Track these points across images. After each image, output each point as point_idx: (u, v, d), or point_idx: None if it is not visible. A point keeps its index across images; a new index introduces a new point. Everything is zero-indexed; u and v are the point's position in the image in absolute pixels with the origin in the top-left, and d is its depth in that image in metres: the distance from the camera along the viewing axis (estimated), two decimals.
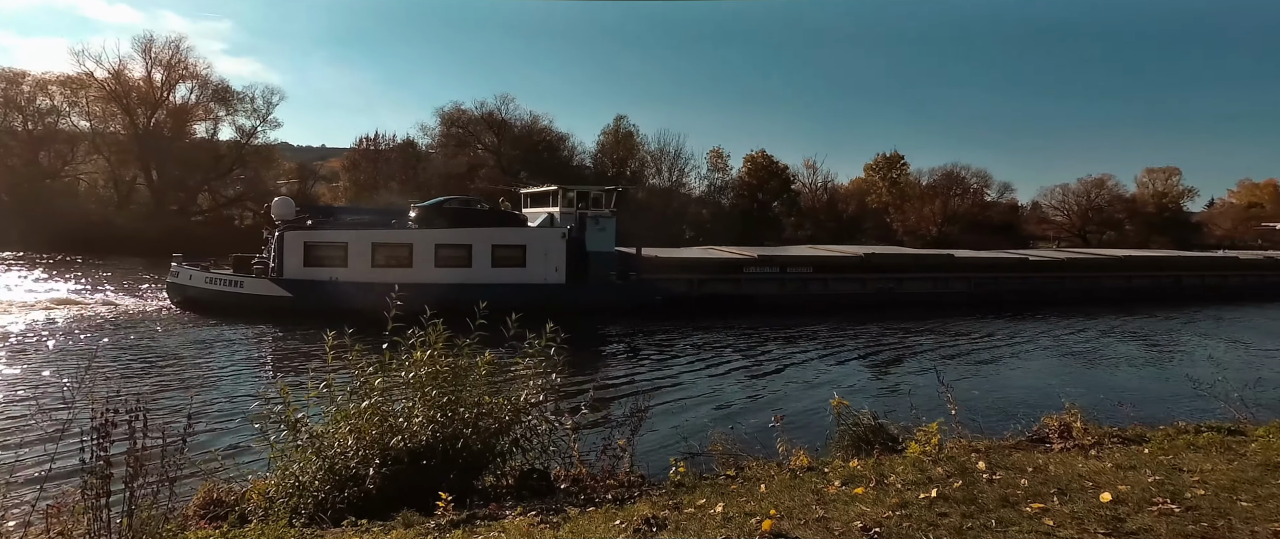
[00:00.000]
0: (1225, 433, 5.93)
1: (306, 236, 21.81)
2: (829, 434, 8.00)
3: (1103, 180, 79.41)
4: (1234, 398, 7.66)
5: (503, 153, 60.31)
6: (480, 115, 61.19)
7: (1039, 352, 19.74)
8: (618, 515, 3.89)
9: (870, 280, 28.41)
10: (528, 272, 22.97)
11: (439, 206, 24.58)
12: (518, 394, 5.40)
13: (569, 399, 11.26)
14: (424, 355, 5.32)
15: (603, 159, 66.59)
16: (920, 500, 3.96)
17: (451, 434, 4.76)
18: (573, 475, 5.61)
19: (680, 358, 17.82)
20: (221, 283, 21.82)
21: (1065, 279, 31.90)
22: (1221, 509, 3.62)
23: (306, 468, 4.58)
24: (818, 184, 73.55)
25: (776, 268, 27.64)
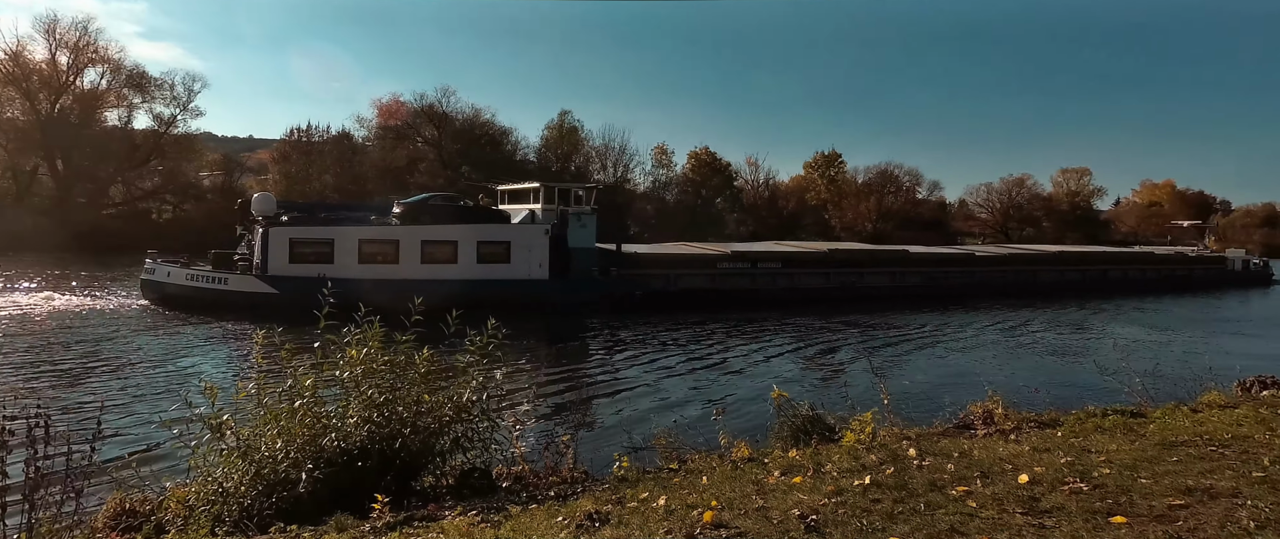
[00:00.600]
0: (1128, 415, 6.38)
1: (291, 233, 21.45)
2: (770, 425, 8.20)
3: (1022, 180, 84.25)
4: (1136, 383, 8.27)
5: (443, 146, 58.86)
6: (420, 108, 59.51)
7: (970, 342, 20.77)
8: (560, 512, 3.86)
9: (834, 274, 29.63)
10: (512, 268, 23.13)
11: (424, 203, 24.46)
12: (459, 392, 5.29)
13: (514, 396, 11.13)
14: (360, 354, 5.14)
15: (547, 154, 65.97)
16: (855, 487, 4.09)
17: (389, 434, 4.61)
18: (515, 473, 5.54)
19: (638, 352, 17.97)
20: (203, 280, 21.30)
21: (1006, 272, 34.16)
22: (1124, 486, 3.89)
23: (231, 473, 4.35)
24: (759, 181, 75.11)
25: (748, 263, 28.35)
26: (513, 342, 21.81)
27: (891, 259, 32.33)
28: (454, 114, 60.26)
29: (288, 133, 60.34)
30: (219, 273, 21.63)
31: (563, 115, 68.47)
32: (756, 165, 75.33)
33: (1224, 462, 4.34)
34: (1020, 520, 3.41)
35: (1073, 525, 3.31)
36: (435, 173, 56.77)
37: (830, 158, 77.62)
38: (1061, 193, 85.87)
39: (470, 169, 56.34)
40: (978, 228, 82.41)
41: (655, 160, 71.42)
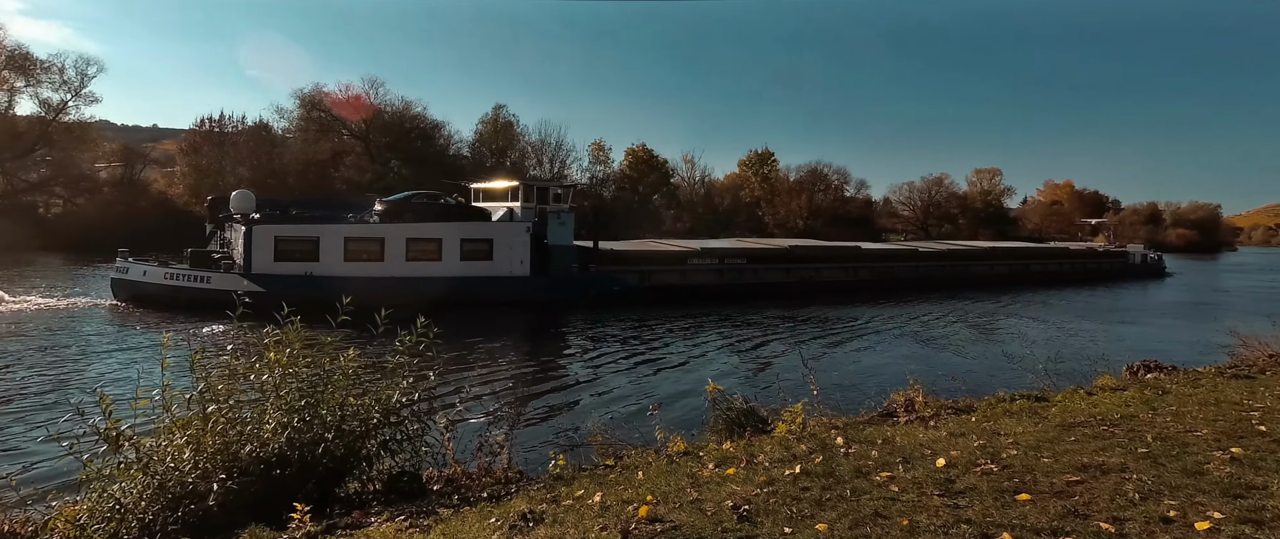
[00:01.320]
0: (1034, 399, 6.84)
1: (276, 231, 21.30)
2: (705, 419, 8.33)
3: (941, 179, 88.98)
4: (1040, 369, 8.87)
5: (371, 140, 56.60)
6: (346, 99, 56.99)
7: (903, 333, 21.78)
8: (493, 513, 3.79)
9: (794, 270, 31.16)
10: (495, 265, 23.48)
11: (408, 201, 24.53)
12: (388, 393, 5.11)
13: (451, 395, 10.85)
14: (280, 356, 4.88)
15: (481, 149, 64.61)
16: (785, 477, 4.21)
17: (311, 440, 4.39)
18: (447, 476, 5.40)
19: (589, 348, 18.00)
20: (184, 278, 20.95)
21: (945, 266, 37.19)
22: (1029, 466, 4.17)
23: (130, 488, 4.03)
24: (695, 178, 76.06)
25: (715, 259, 29.58)
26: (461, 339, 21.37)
27: (845, 255, 34.21)
28: (382, 106, 58.08)
29: (197, 123, 56.62)
30: (202, 271, 21.09)
31: (497, 110, 67.21)
32: (692, 163, 76.31)
33: (1114, 440, 4.72)
34: (937, 502, 3.60)
35: (983, 504, 3.51)
36: (363, 167, 54.53)
37: (763, 156, 79.52)
38: (975, 192, 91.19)
39: (400, 163, 54.46)
40: (901, 224, 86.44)
41: (592, 156, 71.23)
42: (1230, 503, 3.39)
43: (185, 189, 52.53)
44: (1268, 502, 3.38)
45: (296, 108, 56.93)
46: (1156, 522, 3.20)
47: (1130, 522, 3.22)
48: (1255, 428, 4.91)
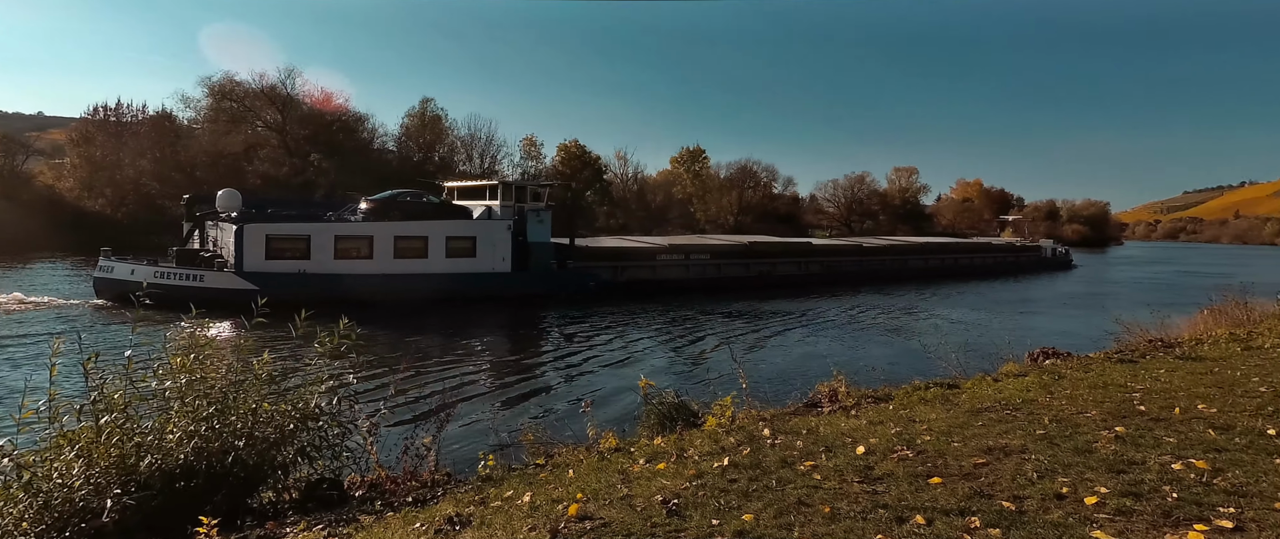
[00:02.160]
0: (946, 387, 7.23)
1: (268, 229, 21.67)
2: (637, 414, 8.36)
3: (862, 177, 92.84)
4: (952, 358, 9.39)
5: (289, 132, 53.64)
6: (260, 89, 53.76)
7: (834, 326, 22.67)
8: (418, 518, 3.67)
9: (753, 265, 33.13)
10: (478, 261, 24.29)
11: (393, 200, 25.05)
12: (306, 398, 4.85)
13: (375, 397, 10.44)
14: (187, 360, 4.54)
15: (408, 143, 62.52)
16: (714, 470, 4.28)
17: (219, 449, 4.12)
18: (370, 481, 5.19)
19: (532, 346, 17.92)
20: (177, 277, 20.98)
21: (886, 260, 40.20)
22: (940, 450, 4.41)
23: (8, 509, 3.66)
24: (628, 175, 76.23)
25: (682, 255, 31.32)
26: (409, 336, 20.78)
27: (798, 251, 37.03)
28: (300, 97, 55.16)
29: (90, 110, 52.04)
30: (195, 270, 21.29)
31: (425, 103, 65.21)
32: (625, 159, 76.46)
33: (1016, 423, 5.05)
34: (857, 488, 3.75)
35: (899, 489, 3.69)
36: (279, 161, 51.65)
37: (695, 153, 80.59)
38: (894, 189, 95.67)
39: (320, 157, 51.93)
40: (826, 221, 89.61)
41: (524, 152, 70.25)
42: (1114, 478, 3.69)
43: (76, 183, 48.23)
44: (1145, 476, 3.70)
45: (205, 97, 53.31)
46: (1052, 498, 3.45)
47: (1029, 499, 3.45)
48: (1136, 408, 5.37)
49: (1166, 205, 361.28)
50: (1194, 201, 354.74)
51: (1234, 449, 4.14)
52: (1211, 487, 3.50)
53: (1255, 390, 5.93)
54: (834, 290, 32.12)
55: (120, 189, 45.42)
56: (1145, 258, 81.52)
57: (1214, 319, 13.22)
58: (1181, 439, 4.40)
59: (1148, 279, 48.30)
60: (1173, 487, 3.51)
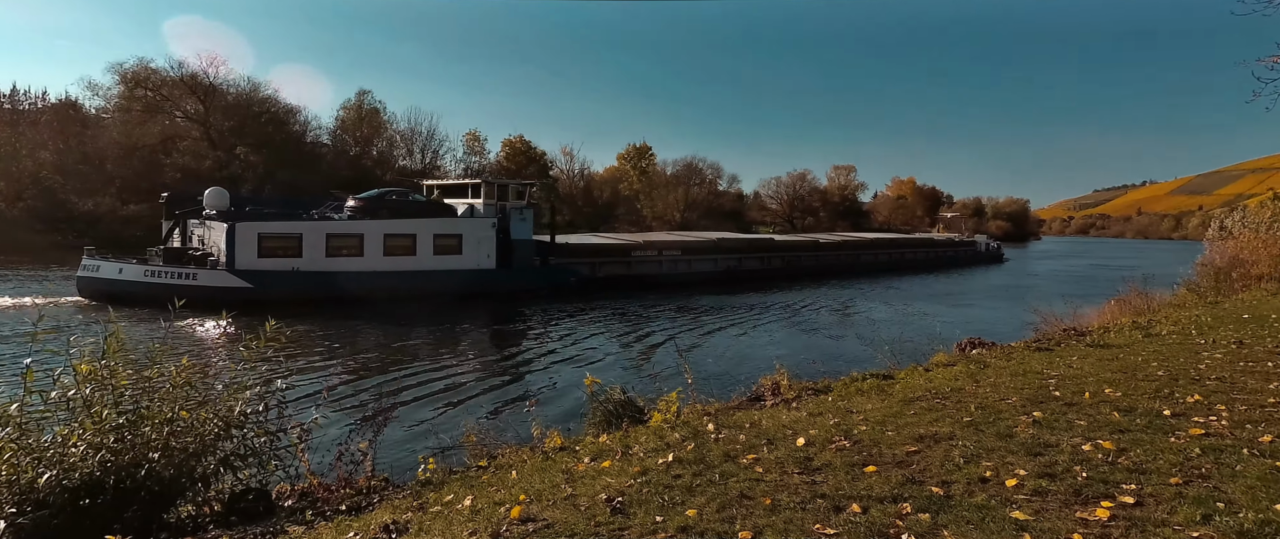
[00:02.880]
0: (881, 378, 7.51)
1: (260, 228, 21.77)
2: (583, 412, 8.33)
3: (804, 174, 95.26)
4: (887, 350, 9.77)
5: (211, 124, 50.72)
6: (179, 77, 50.62)
7: (783, 319, 23.23)
8: (351, 527, 3.55)
9: (721, 260, 34.91)
10: (464, 259, 24.85)
11: (382, 198, 25.33)
12: (230, 404, 4.61)
13: (311, 401, 10.02)
14: (96, 366, 4.24)
15: (343, 136, 60.26)
16: (659, 466, 4.30)
17: (130, 461, 3.86)
18: (300, 490, 4.99)
19: (488, 344, 17.72)
20: (169, 275, 20.91)
21: (842, 255, 42.85)
22: (876, 440, 4.58)
23: None
24: (575, 171, 75.77)
25: (655, 251, 32.77)
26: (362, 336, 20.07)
27: (762, 247, 39.04)
28: (224, 87, 52.24)
29: None
30: (187, 268, 21.24)
31: (361, 95, 62.97)
32: (572, 155, 75.99)
33: (945, 411, 5.29)
34: (797, 480, 3.84)
35: (837, 478, 3.80)
36: (201, 154, 48.80)
37: (641, 150, 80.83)
38: (834, 186, 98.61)
39: (247, 150, 49.37)
40: (769, 217, 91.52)
41: (467, 147, 68.85)
42: (1032, 460, 3.92)
43: None
44: (1059, 457, 3.94)
45: (115, 84, 49.80)
46: (976, 482, 3.63)
47: (956, 484, 3.62)
48: (1052, 394, 5.71)
49: (1078, 202, 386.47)
50: (1103, 199, 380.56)
51: (1135, 429, 4.46)
52: (1116, 465, 3.76)
53: (1154, 374, 6.40)
54: (793, 284, 33.88)
55: (16, 182, 42.06)
56: (1061, 252, 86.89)
57: (1119, 309, 14.22)
58: (1091, 422, 4.71)
59: (1064, 272, 51.51)
60: (1083, 467, 3.75)
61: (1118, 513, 3.10)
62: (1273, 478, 3.43)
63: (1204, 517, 2.99)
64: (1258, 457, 3.79)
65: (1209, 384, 5.87)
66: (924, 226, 69.53)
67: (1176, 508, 3.11)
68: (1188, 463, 3.75)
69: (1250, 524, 2.87)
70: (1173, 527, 2.92)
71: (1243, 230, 23.56)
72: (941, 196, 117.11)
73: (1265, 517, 2.95)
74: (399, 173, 60.90)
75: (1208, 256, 22.60)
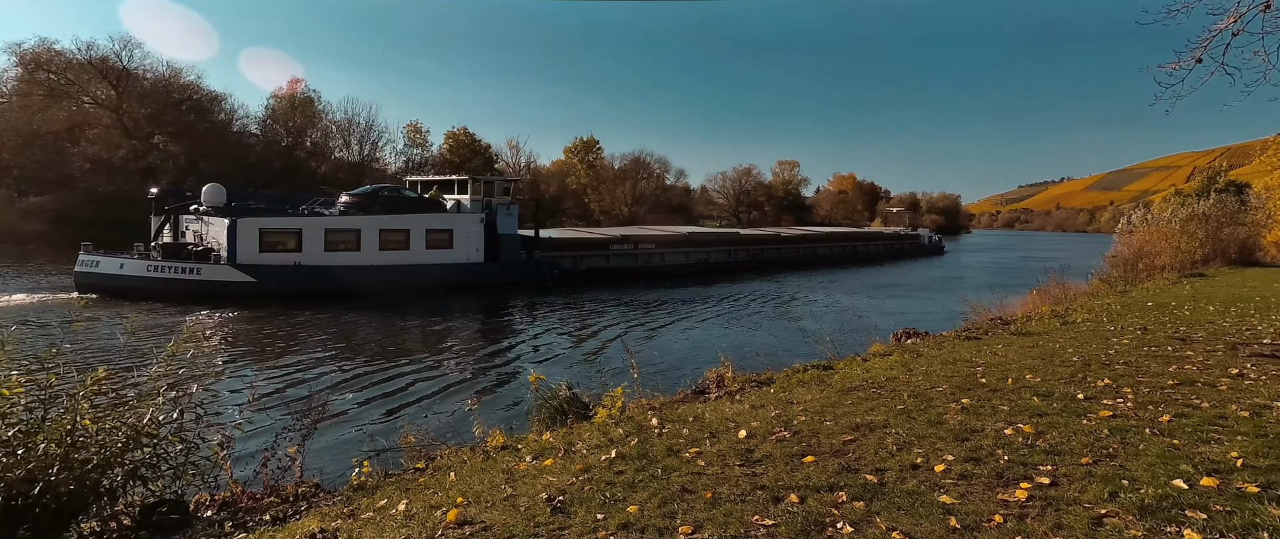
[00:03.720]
0: (821, 369, 7.70)
1: (261, 223, 22.43)
2: (528, 410, 8.22)
3: (749, 169, 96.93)
4: (827, 341, 10.02)
5: (125, 111, 47.50)
6: (88, 60, 47.14)
7: (733, 311, 23.59)
8: (276, 537, 3.38)
9: (692, 253, 36.98)
10: (455, 252, 25.87)
11: (376, 194, 26.17)
12: (141, 411, 4.32)
13: (232, 405, 9.52)
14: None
15: (274, 126, 57.53)
16: (602, 462, 4.28)
17: (23, 477, 3.56)
18: (222, 499, 4.73)
19: (441, 339, 17.26)
20: (171, 270, 21.33)
21: (801, 248, 45.62)
22: (814, 430, 4.69)
23: None
24: (521, 164, 74.70)
25: (631, 244, 34.17)
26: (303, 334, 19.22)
27: (728, 240, 41.41)
28: (140, 72, 48.95)
29: None
30: (190, 263, 21.63)
31: (294, 84, 60.26)
32: (518, 148, 74.90)
33: (880, 400, 5.47)
34: (738, 472, 3.89)
35: (776, 470, 3.87)
36: (114, 143, 45.68)
37: (589, 144, 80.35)
38: (778, 181, 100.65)
39: (166, 139, 46.50)
40: (716, 211, 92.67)
41: (408, 139, 66.90)
42: (959, 446, 4.09)
43: None
44: (984, 442, 4.13)
45: (12, 66, 45.95)
46: (908, 468, 3.76)
47: (889, 471, 3.74)
48: (979, 381, 5.99)
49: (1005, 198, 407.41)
50: (1027, 194, 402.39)
51: (1052, 413, 4.72)
52: (1034, 448, 3.96)
53: (1069, 360, 6.80)
54: (756, 275, 35.92)
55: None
56: (989, 244, 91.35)
57: (1040, 298, 15.05)
58: (1013, 407, 4.96)
59: (993, 263, 54.20)
60: (1005, 450, 3.94)
61: (1035, 493, 3.27)
62: (1170, 456, 3.69)
63: (1110, 494, 3.18)
64: (1158, 436, 4.07)
65: (1117, 368, 6.28)
66: (863, 220, 72.07)
67: (1087, 487, 3.30)
68: (1097, 444, 3.98)
69: (1150, 499, 3.08)
70: (1083, 504, 3.10)
71: (1145, 225, 25.38)
72: (880, 192, 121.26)
73: (1163, 492, 3.17)
74: (335, 165, 58.73)
75: (1117, 249, 24.21)
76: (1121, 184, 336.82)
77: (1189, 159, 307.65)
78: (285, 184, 49.97)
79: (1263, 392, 5.20)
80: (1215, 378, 5.74)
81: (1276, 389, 5.27)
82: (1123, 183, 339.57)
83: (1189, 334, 8.50)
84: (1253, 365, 6.32)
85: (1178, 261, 23.80)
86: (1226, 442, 3.91)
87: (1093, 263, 23.00)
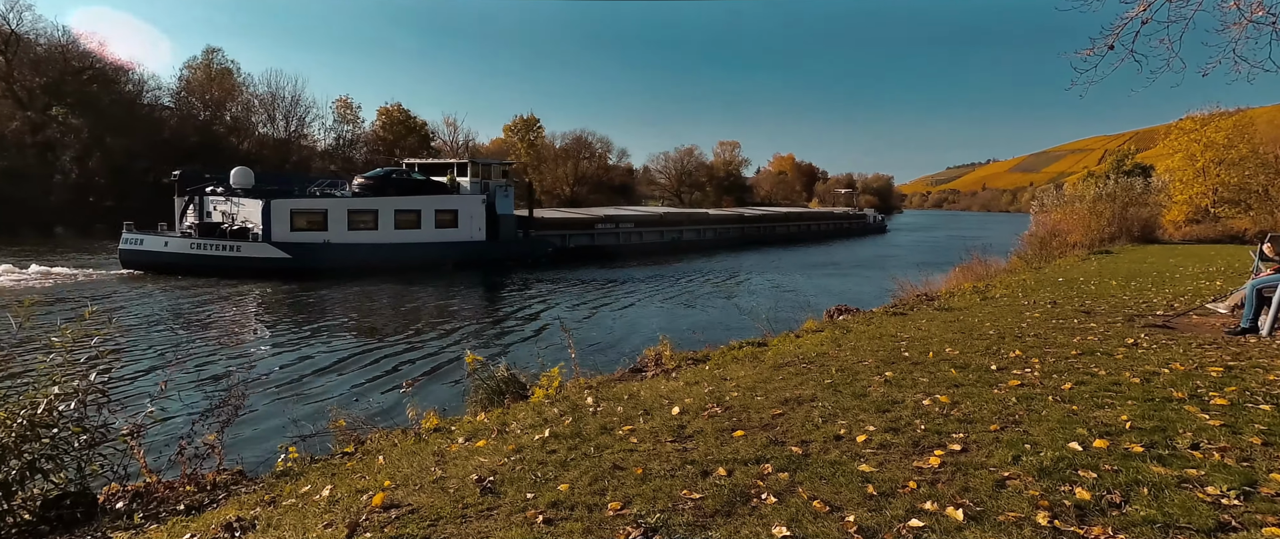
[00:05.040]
0: (756, 345, 7.89)
1: (292, 205, 24.13)
2: (465, 392, 8.10)
3: (691, 150, 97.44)
4: (764, 318, 10.27)
5: (17, 79, 43.46)
6: None
7: (684, 290, 23.86)
8: (188, 528, 3.22)
9: (666, 232, 39.59)
10: (460, 232, 27.71)
11: (388, 177, 27.90)
12: (37, 399, 4.01)
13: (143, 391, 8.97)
14: None
15: (189, 98, 53.87)
16: (535, 442, 4.26)
17: None
18: (135, 490, 4.47)
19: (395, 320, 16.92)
20: (215, 248, 22.88)
21: (761, 227, 48.89)
22: (745, 405, 4.80)
23: None
24: (459, 142, 72.70)
25: (613, 224, 36.69)
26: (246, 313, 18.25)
27: (698, 220, 44.93)
28: (31, 36, 44.73)
29: None
30: (230, 240, 23.19)
31: (210, 54, 56.45)
32: (455, 126, 72.83)
33: (809, 375, 5.64)
34: (670, 448, 3.95)
35: (707, 445, 3.95)
36: (5, 114, 41.82)
37: (529, 122, 78.87)
38: (719, 162, 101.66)
39: (66, 112, 42.85)
40: (658, 191, 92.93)
41: (338, 115, 63.93)
42: (881, 417, 4.27)
43: None
44: (903, 413, 4.33)
45: None
46: (831, 440, 3.90)
47: (814, 442, 3.87)
48: (902, 355, 6.26)
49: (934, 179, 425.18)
50: (955, 176, 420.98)
51: (967, 383, 4.99)
52: (949, 417, 4.18)
53: (986, 333, 7.19)
54: (720, 252, 38.86)
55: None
56: (920, 224, 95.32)
57: (963, 275, 15.84)
58: (932, 378, 5.21)
59: (923, 242, 56.57)
60: (922, 420, 4.14)
61: (947, 460, 3.45)
62: (1069, 420, 3.96)
63: (1014, 458, 3.40)
64: (1059, 403, 4.36)
65: (1028, 341, 6.68)
66: (802, 200, 74.31)
67: (993, 452, 3.51)
68: (1006, 411, 4.24)
69: (1048, 462, 3.30)
70: (989, 468, 3.30)
71: (1057, 205, 27.04)
72: (818, 172, 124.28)
73: (1061, 454, 3.40)
74: (260, 141, 55.71)
75: (1033, 228, 25.69)
76: (1041, 166, 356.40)
77: (1102, 142, 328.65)
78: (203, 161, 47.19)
79: (1152, 359, 5.64)
80: (1113, 348, 6.19)
81: (1165, 357, 5.73)
82: (1042, 165, 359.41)
83: (1093, 307, 9.13)
84: (1146, 335, 6.85)
85: (1088, 240, 25.48)
86: (1118, 406, 4.23)
87: (1012, 241, 24.35)
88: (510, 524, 2.95)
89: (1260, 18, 5.31)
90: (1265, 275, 7.06)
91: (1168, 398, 4.39)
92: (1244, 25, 5.36)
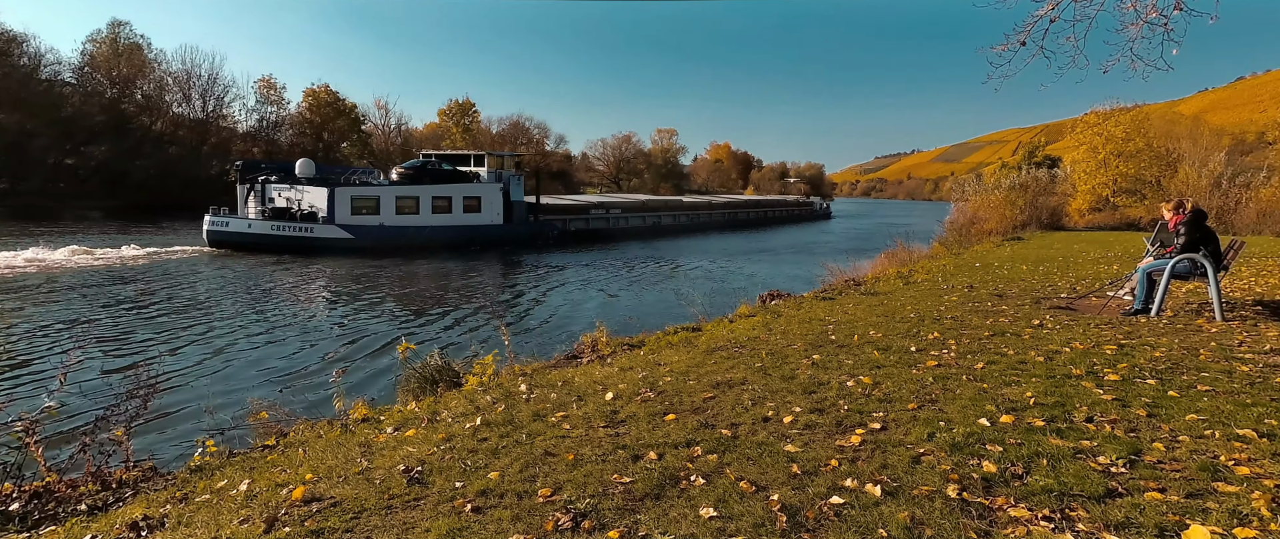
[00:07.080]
0: (691, 331, 8.00)
1: (351, 192, 27.10)
2: (397, 380, 7.87)
3: (629, 137, 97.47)
4: (699, 304, 10.41)
5: None
6: None
7: (634, 273, 24.01)
8: (89, 529, 3.01)
9: (649, 217, 43.97)
10: (482, 216, 31.04)
11: (423, 167, 31.00)
12: None
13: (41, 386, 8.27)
14: None
15: (94, 75, 49.65)
16: (466, 430, 4.19)
17: None
18: (31, 490, 4.14)
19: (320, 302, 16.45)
20: (290, 228, 26.18)
21: (728, 213, 53.89)
22: (677, 389, 4.87)
23: None
24: (391, 126, 70.08)
25: (604, 210, 40.81)
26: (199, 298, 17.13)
27: (673, 206, 49.68)
28: None
29: None
30: (303, 223, 26.28)
31: (116, 27, 52.01)
32: (387, 109, 70.10)
33: (741, 359, 5.78)
34: (602, 433, 3.96)
35: (639, 429, 3.99)
36: None
37: (464, 106, 76.73)
38: (657, 149, 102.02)
39: None
40: (596, 178, 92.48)
41: (261, 95, 60.32)
42: (807, 398, 4.43)
43: None
44: (828, 394, 4.50)
45: None
46: (759, 422, 4.01)
47: (742, 425, 3.97)
48: (829, 338, 6.49)
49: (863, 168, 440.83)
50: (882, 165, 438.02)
51: (888, 365, 5.23)
52: (871, 397, 4.37)
53: (907, 316, 7.54)
54: (690, 234, 43.47)
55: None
56: (850, 212, 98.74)
57: (888, 261, 16.53)
58: (856, 361, 5.43)
59: (853, 229, 58.68)
60: (846, 400, 4.31)
61: (867, 438, 3.61)
62: (979, 398, 4.21)
63: (929, 435, 3.59)
64: (972, 382, 4.63)
65: (946, 323, 7.05)
66: (738, 188, 76.10)
67: (910, 430, 3.70)
68: (923, 391, 4.47)
69: (959, 438, 3.51)
70: (906, 445, 3.47)
71: (974, 194, 28.60)
72: (753, 161, 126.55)
73: (971, 430, 3.62)
74: (174, 122, 52.03)
75: (953, 216, 27.07)
76: (960, 156, 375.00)
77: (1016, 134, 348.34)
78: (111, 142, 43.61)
79: (1055, 339, 6.07)
80: (1021, 329, 6.61)
81: (1066, 336, 6.17)
82: (962, 155, 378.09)
83: (1005, 290, 9.72)
84: (1050, 316, 7.35)
85: (1002, 227, 27.06)
86: (1023, 383, 4.53)
87: (935, 228, 25.60)
88: (437, 514, 2.90)
89: (1154, 19, 5.71)
90: (1153, 260, 7.69)
91: (1068, 374, 4.73)
92: (1140, 25, 5.75)
